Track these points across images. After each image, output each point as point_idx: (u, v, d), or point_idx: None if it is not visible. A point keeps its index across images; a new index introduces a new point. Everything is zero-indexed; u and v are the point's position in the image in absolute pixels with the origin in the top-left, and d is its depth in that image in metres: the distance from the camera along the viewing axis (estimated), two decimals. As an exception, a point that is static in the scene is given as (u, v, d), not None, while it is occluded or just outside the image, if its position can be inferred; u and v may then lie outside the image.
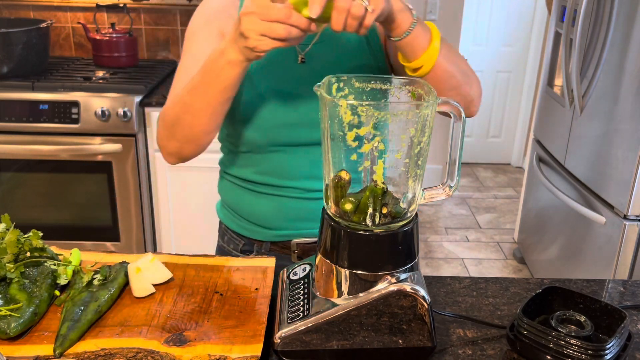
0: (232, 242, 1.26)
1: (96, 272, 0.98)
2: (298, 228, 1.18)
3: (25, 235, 0.99)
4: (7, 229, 0.98)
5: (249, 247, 1.23)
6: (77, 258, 1.02)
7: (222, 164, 1.26)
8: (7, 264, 0.94)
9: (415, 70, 0.98)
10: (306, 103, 1.11)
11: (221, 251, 1.30)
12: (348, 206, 0.84)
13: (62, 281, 0.97)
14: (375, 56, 1.13)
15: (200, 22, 1.13)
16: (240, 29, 0.86)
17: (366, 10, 0.83)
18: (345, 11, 0.82)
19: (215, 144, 1.14)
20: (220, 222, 1.30)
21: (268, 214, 1.18)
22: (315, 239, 1.14)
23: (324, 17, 0.84)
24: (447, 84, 1.00)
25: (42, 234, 1.01)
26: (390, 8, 0.89)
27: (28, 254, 0.98)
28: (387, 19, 0.91)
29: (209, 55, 0.97)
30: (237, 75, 0.95)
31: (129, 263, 1.01)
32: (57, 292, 0.96)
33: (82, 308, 0.90)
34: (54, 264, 0.98)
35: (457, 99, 1.02)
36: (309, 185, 1.15)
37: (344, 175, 0.85)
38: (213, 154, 1.28)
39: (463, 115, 0.85)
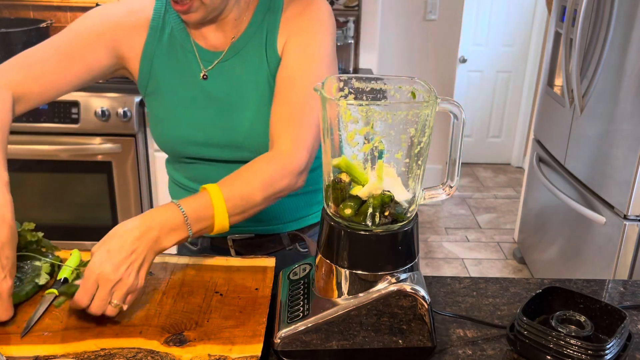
0: None
1: None
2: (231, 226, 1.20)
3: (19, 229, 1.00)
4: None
5: (194, 240, 1.28)
6: (77, 258, 1.02)
7: (166, 162, 1.31)
8: None
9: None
10: (212, 124, 1.12)
11: None
12: (347, 211, 0.84)
13: (42, 281, 0.97)
14: (273, 75, 1.12)
15: (95, 23, 1.16)
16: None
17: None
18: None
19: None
20: None
21: None
22: (251, 235, 1.20)
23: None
24: (256, 210, 1.01)
25: (41, 234, 1.01)
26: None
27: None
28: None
29: None
30: None
31: None
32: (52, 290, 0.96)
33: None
34: (43, 262, 0.99)
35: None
36: None
37: (344, 177, 0.85)
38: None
39: (463, 115, 0.85)
